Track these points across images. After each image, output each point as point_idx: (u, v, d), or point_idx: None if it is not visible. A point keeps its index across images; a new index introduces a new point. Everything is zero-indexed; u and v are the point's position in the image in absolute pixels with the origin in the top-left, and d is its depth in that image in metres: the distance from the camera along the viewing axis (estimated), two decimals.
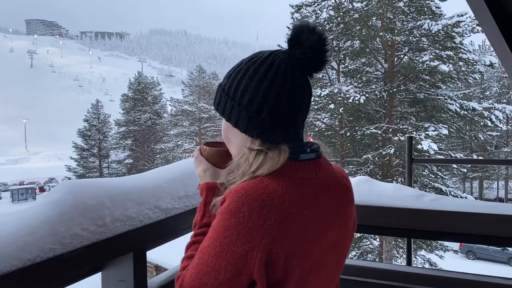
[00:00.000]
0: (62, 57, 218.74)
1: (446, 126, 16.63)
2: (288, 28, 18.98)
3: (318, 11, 17.34)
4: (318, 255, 0.96)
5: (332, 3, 16.69)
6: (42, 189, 66.48)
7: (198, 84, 44.89)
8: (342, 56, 17.33)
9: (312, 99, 1.21)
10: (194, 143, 45.86)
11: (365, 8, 15.80)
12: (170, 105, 46.80)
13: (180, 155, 43.35)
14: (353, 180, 2.07)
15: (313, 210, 0.95)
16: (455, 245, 21.64)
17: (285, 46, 1.04)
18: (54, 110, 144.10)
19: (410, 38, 16.58)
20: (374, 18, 16.37)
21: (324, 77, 17.63)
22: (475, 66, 16.34)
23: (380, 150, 15.67)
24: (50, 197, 1.40)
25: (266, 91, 0.96)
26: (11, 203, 57.67)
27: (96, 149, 48.76)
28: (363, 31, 15.87)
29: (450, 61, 15.91)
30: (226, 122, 1.05)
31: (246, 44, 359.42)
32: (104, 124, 49.44)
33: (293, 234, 0.89)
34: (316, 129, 18.85)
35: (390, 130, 16.39)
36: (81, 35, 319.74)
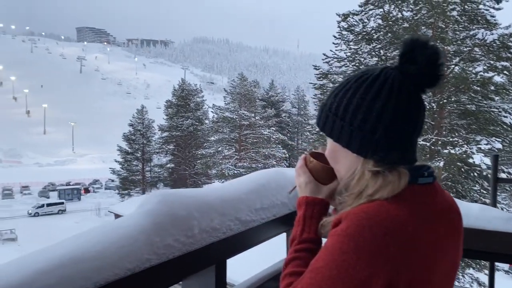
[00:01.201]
0: (109, 63, 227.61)
1: (500, 139, 15.85)
2: (335, 37, 18.84)
3: (366, 20, 17.07)
4: (436, 284, 0.93)
5: (381, 12, 16.39)
6: (86, 190, 68.97)
7: (240, 91, 45.28)
8: (389, 66, 16.93)
9: None
10: (234, 150, 46.21)
11: (415, 17, 15.40)
12: (211, 111, 47.48)
13: (220, 161, 43.76)
14: None
15: (433, 238, 0.92)
16: (506, 265, 20.54)
17: (329, 54, 1.00)
18: (101, 114, 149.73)
19: (462, 48, 15.99)
20: (424, 28, 15.92)
21: None
22: None
23: (429, 163, 15.09)
24: (144, 207, 1.42)
25: (381, 110, 0.93)
26: None
27: (139, 153, 50.17)
28: None
29: (505, 72, 15.19)
30: (333, 142, 1.02)
31: (286, 52, 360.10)
32: (148, 129, 50.84)
33: (415, 262, 0.86)
34: None
35: (439, 142, 15.81)
36: (128, 42, 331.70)
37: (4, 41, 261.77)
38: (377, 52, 17.05)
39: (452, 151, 14.46)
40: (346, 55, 18.37)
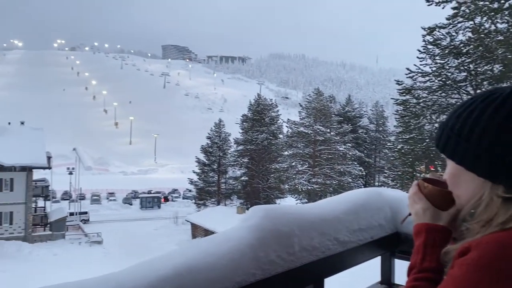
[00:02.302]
0: (190, 79, 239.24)
1: None
2: (419, 51, 18.05)
3: (453, 33, 16.13)
4: None
5: (471, 24, 15.39)
6: (166, 199, 72.38)
7: (315, 106, 44.99)
8: (479, 81, 15.81)
9: None
10: (307, 165, 45.83)
11: (510, 30, 14.24)
12: (286, 126, 47.67)
13: (294, 176, 43.62)
14: None
15: None
16: None
17: (413, 68, 0.96)
18: (181, 127, 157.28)
19: None
20: None
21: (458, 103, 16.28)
22: None
23: None
24: (248, 221, 1.45)
25: None
26: (140, 210, 63.89)
27: (216, 165, 51.77)
28: (508, 54, 14.23)
29: None
30: (455, 165, 0.98)
31: (364, 67, 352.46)
32: (225, 142, 52.39)
33: None
34: None
35: None
36: (208, 59, 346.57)
37: (99, 58, 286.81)
38: (466, 67, 16.01)
39: None
40: (432, 70, 17.47)
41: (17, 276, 29.74)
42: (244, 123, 51.77)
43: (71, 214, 49.64)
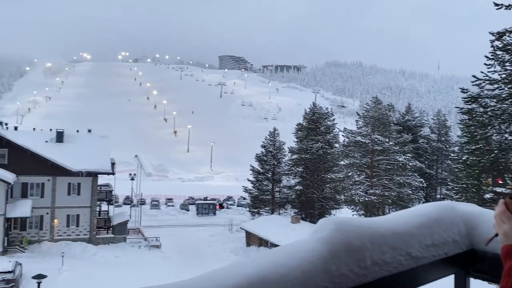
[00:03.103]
0: (245, 88, 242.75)
1: None
2: (487, 57, 17.08)
3: None
4: None
5: None
6: (221, 206, 73.52)
7: (373, 115, 43.84)
8: None
9: None
10: (365, 175, 44.66)
11: None
12: (342, 135, 46.83)
13: (350, 187, 42.65)
14: None
15: None
16: None
17: (479, 75, 0.93)
18: (236, 135, 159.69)
19: None
20: None
21: None
22: None
23: None
24: (319, 233, 1.43)
25: None
26: (196, 216, 65.36)
27: (270, 173, 51.87)
28: None
29: None
30: None
31: (425, 75, 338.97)
32: (279, 150, 52.38)
33: None
34: None
35: None
36: (263, 68, 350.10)
37: (160, 69, 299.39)
38: None
39: None
40: (501, 77, 16.42)
41: (83, 275, 31.42)
42: (299, 132, 51.53)
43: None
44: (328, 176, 46.36)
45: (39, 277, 22.57)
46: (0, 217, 36.04)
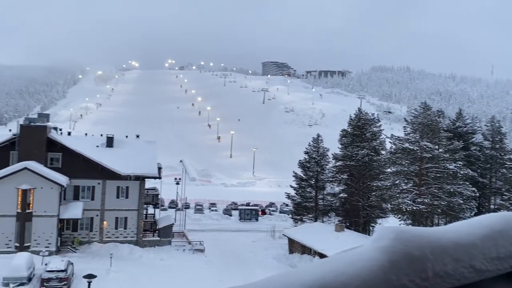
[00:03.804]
0: (288, 94, 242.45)
1: None
2: None
3: None
4: None
5: None
6: (263, 212, 73.58)
7: (422, 121, 42.38)
8: None
9: None
10: (412, 184, 43.23)
11: None
12: (389, 142, 45.55)
13: (397, 195, 41.39)
14: None
15: None
16: None
17: None
18: (279, 141, 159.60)
19: None
20: None
21: None
22: None
23: None
24: (378, 242, 1.38)
25: None
26: (238, 221, 65.81)
27: (313, 180, 51.33)
28: None
29: None
30: None
31: (477, 79, 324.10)
32: (323, 157, 51.75)
33: None
34: None
35: None
36: (307, 74, 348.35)
37: (205, 76, 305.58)
38: None
39: None
40: None
41: (130, 276, 32.43)
42: (343, 138, 50.68)
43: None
44: (374, 184, 45.21)
45: (90, 276, 23.53)
46: (54, 218, 37.96)
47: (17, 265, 28.84)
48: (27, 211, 37.17)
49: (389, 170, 44.62)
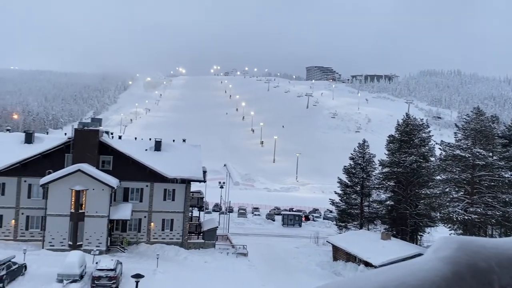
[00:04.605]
0: (333, 99, 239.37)
1: None
2: None
3: None
4: None
5: None
6: (307, 218, 72.82)
7: (474, 127, 40.46)
8: None
9: None
10: (464, 192, 41.30)
11: None
12: (439, 148, 43.80)
13: (447, 204, 39.71)
14: None
15: None
16: None
17: None
18: (322, 146, 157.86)
19: None
20: None
21: None
22: None
23: None
24: (441, 252, 1.35)
25: None
26: (281, 226, 65.56)
27: (359, 187, 50.24)
28: None
29: None
30: None
31: None
32: (369, 163, 50.56)
33: None
34: None
35: None
36: (352, 78, 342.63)
37: (249, 82, 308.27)
38: None
39: None
40: None
41: (175, 278, 33.13)
42: (390, 144, 49.29)
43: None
44: (423, 192, 43.61)
45: (138, 276, 24.24)
46: (105, 218, 39.53)
47: (70, 263, 30.23)
48: (80, 211, 38.93)
49: (438, 177, 42.89)
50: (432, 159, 46.73)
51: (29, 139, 44.52)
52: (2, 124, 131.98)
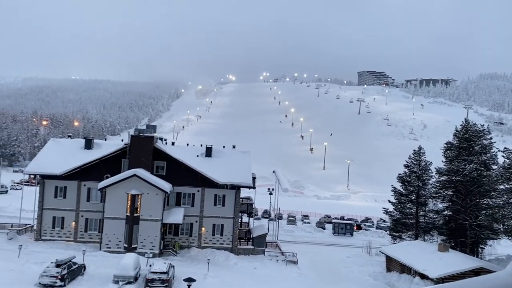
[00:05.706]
0: (386, 105, 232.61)
1: None
2: None
3: None
4: None
5: None
6: (358, 227, 70.94)
7: None
8: None
9: None
10: None
11: None
12: (503, 156, 41.06)
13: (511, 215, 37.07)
14: None
15: None
16: None
17: None
18: (375, 153, 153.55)
19: None
20: None
21: None
22: None
23: None
24: None
25: None
26: (332, 235, 64.26)
27: (414, 195, 48.23)
28: None
29: None
30: None
31: None
32: (425, 171, 48.45)
33: None
34: None
35: None
36: (406, 83, 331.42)
37: (299, 88, 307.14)
38: None
39: None
40: None
41: (225, 283, 33.28)
42: (448, 151, 46.93)
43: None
44: (484, 202, 41.06)
45: (189, 280, 24.60)
46: (158, 222, 40.61)
47: (125, 265, 31.26)
48: (135, 214, 40.27)
49: (501, 187, 40.21)
50: (495, 167, 43.90)
51: (88, 145, 46.85)
52: (65, 131, 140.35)
